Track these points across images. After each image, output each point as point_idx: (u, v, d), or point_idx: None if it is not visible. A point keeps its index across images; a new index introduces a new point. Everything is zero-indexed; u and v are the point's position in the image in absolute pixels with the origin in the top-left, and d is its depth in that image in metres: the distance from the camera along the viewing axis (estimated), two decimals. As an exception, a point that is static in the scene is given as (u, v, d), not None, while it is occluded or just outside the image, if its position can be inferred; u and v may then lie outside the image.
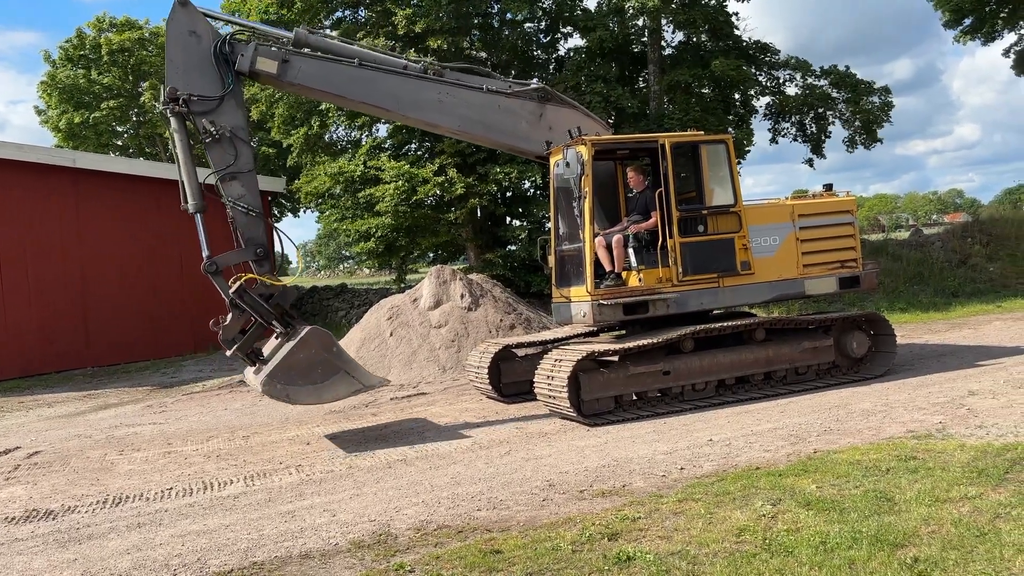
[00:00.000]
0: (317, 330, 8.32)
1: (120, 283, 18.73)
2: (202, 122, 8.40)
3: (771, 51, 24.03)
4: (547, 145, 9.81)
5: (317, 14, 23.10)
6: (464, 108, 9.48)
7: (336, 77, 9.11)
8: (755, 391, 9.56)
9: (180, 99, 8.31)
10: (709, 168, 9.70)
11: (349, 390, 8.39)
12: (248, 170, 8.57)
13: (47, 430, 11.16)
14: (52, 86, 35.11)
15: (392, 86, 9.23)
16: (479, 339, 13.04)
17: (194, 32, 8.51)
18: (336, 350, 8.41)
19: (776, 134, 25.61)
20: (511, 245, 23.57)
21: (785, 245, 10.02)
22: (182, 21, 8.54)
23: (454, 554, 5.04)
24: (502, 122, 9.66)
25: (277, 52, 8.79)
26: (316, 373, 8.19)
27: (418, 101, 9.34)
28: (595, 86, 20.44)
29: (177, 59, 8.49)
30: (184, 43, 8.50)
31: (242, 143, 8.53)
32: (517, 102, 9.73)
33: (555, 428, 8.72)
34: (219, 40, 8.55)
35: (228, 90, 8.51)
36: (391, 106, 9.46)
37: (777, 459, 6.78)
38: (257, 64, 8.66)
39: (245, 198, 8.54)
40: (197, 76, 8.44)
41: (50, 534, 6.13)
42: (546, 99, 9.85)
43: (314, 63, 9.06)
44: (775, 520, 5.24)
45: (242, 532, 5.82)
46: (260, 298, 8.48)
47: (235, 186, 8.52)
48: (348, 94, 9.32)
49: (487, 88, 9.62)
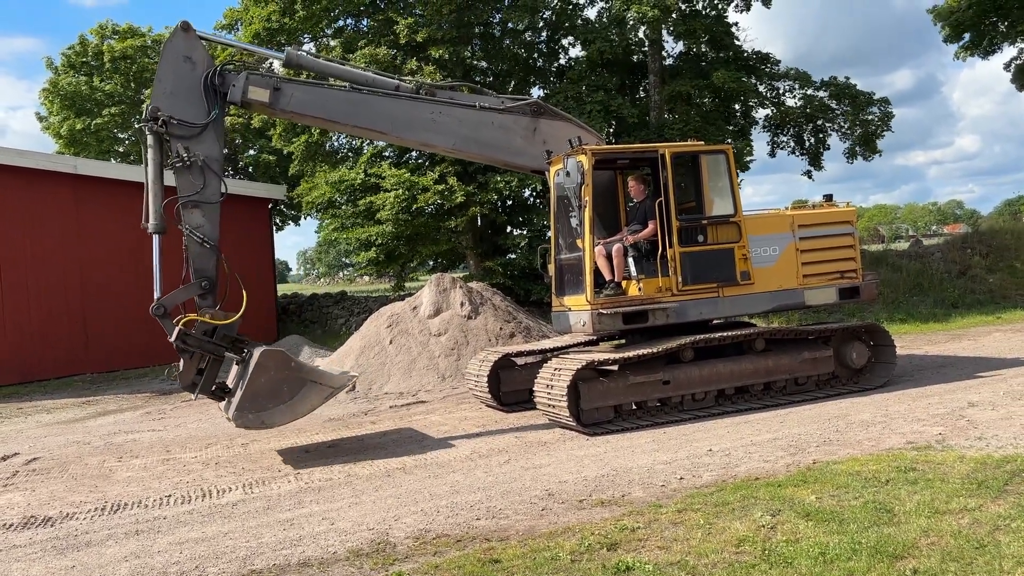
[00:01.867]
0: (268, 351, 8.22)
1: (119, 289, 18.71)
2: (177, 146, 8.32)
3: (771, 61, 24.13)
4: (548, 155, 9.84)
5: (319, 23, 23.20)
6: (458, 126, 9.47)
7: (329, 102, 9.08)
8: (755, 401, 9.56)
9: (161, 120, 8.26)
10: (709, 178, 9.72)
11: (321, 397, 8.30)
12: (213, 201, 8.47)
13: (46, 436, 11.14)
14: (54, 93, 35.15)
15: (385, 108, 9.20)
16: (479, 347, 13.03)
17: (190, 58, 8.48)
18: (294, 365, 8.31)
19: (775, 147, 25.67)
20: (511, 253, 23.60)
21: (785, 255, 10.03)
22: (180, 46, 8.52)
23: (453, 563, 5.03)
24: (496, 139, 9.66)
25: (268, 80, 8.74)
26: (283, 392, 8.12)
27: (412, 122, 9.32)
28: (596, 96, 20.52)
29: (167, 80, 8.47)
30: (177, 67, 8.47)
31: (212, 174, 8.43)
32: (511, 118, 9.73)
33: (554, 437, 8.71)
34: (210, 71, 8.49)
35: (211, 119, 8.44)
36: (385, 128, 9.44)
37: (776, 469, 6.77)
38: (249, 94, 8.62)
39: (203, 228, 8.46)
40: (183, 101, 8.39)
41: (48, 541, 6.12)
42: (539, 113, 9.86)
43: (306, 89, 9.03)
44: (774, 531, 5.23)
45: (240, 540, 5.81)
46: (205, 335, 8.38)
47: (196, 215, 8.43)
48: (341, 119, 9.30)
49: (480, 105, 9.61)
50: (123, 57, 34.63)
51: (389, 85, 9.52)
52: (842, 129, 24.30)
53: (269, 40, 23.52)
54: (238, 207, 21.21)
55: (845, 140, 24.38)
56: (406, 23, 20.99)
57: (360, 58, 20.73)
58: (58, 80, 35.48)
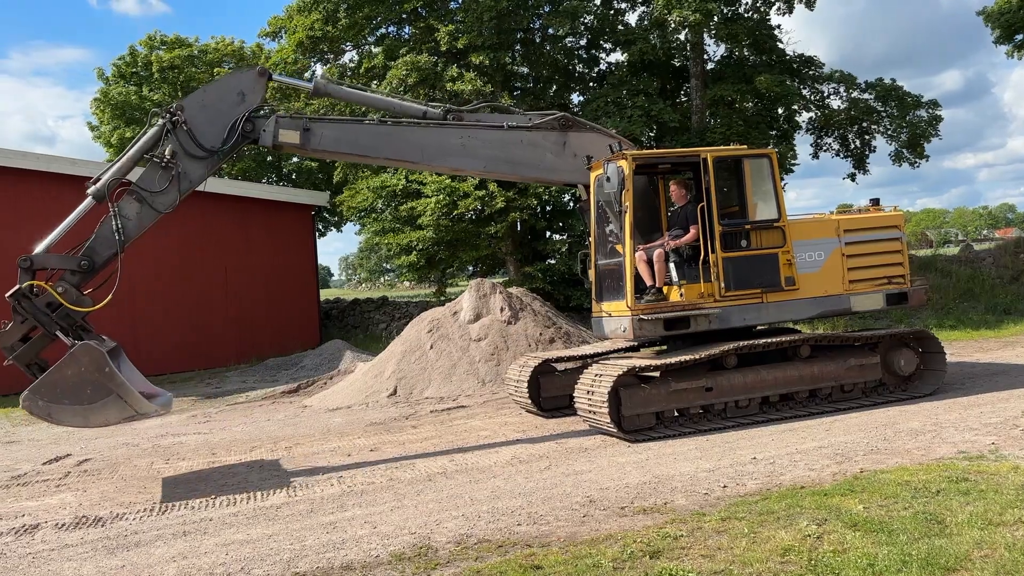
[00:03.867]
0: (89, 347, 7.67)
1: (165, 295, 19.12)
2: (170, 147, 8.30)
3: (815, 65, 23.78)
4: (587, 160, 9.81)
5: (361, 31, 23.46)
6: (488, 148, 9.43)
7: (359, 137, 9.09)
8: (800, 408, 9.41)
9: (176, 120, 8.30)
10: (752, 182, 9.61)
11: (120, 415, 7.72)
12: (156, 209, 8.33)
13: (96, 438, 11.40)
14: (105, 102, 36.07)
15: (415, 138, 9.20)
16: (518, 353, 13.04)
17: (243, 95, 8.56)
18: (108, 371, 7.65)
19: (818, 149, 25.30)
20: (551, 259, 23.59)
21: (830, 260, 9.87)
22: (244, 82, 8.62)
23: (494, 569, 5.03)
24: (527, 157, 9.62)
25: (297, 122, 8.76)
26: (85, 393, 7.59)
27: (441, 149, 9.30)
28: (636, 100, 20.42)
29: (208, 96, 8.57)
30: (227, 93, 8.57)
31: (176, 190, 8.33)
32: (539, 134, 9.69)
33: (595, 443, 8.67)
34: (242, 116, 8.50)
35: (215, 152, 8.44)
36: (416, 158, 9.45)
37: (822, 478, 6.66)
38: (280, 137, 8.67)
39: (128, 222, 8.26)
40: (207, 120, 8.44)
41: (99, 540, 6.26)
42: (568, 126, 9.81)
43: (335, 127, 9.06)
44: (821, 541, 5.14)
45: (284, 542, 5.88)
46: (46, 307, 7.86)
47: (133, 208, 8.29)
48: (372, 152, 9.32)
49: (508, 125, 9.58)
50: (171, 67, 35.42)
51: (416, 112, 9.53)
52: (888, 132, 23.85)
53: (312, 49, 23.86)
54: (282, 214, 21.61)
55: (891, 143, 23.93)
56: (447, 30, 21.13)
57: (402, 65, 20.91)
58: (109, 90, 36.39)
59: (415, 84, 20.93)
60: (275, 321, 20.64)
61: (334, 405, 12.89)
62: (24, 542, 6.36)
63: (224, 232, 20.13)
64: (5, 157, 17.12)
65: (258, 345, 20.03)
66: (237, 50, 37.69)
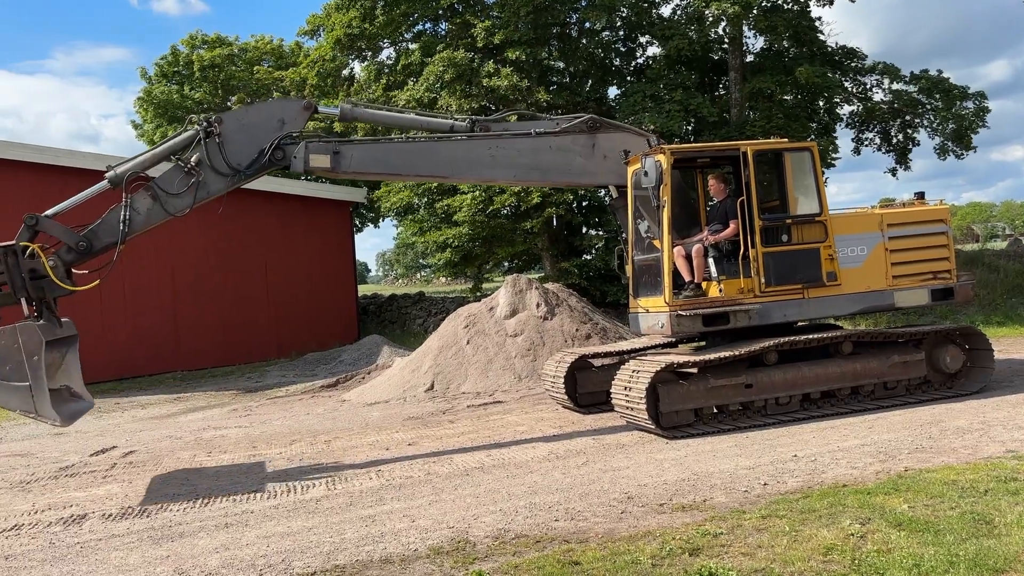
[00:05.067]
0: (33, 329, 7.42)
1: (207, 291, 19.44)
2: (197, 156, 8.34)
3: (858, 56, 23.33)
4: (625, 155, 9.74)
5: (398, 28, 23.56)
6: (517, 157, 9.35)
7: (388, 156, 9.08)
8: (841, 406, 9.26)
9: (211, 131, 8.34)
10: (793, 176, 9.48)
11: (20, 406, 7.47)
12: (168, 210, 8.34)
13: (140, 431, 11.63)
14: (148, 101, 36.77)
15: (443, 153, 9.17)
16: (555, 348, 13.02)
17: (283, 122, 8.61)
18: (36, 360, 7.35)
19: (860, 143, 24.83)
20: (587, 254, 23.52)
21: (873, 255, 9.69)
22: (288, 111, 8.67)
23: (532, 564, 5.03)
24: (556, 162, 9.54)
25: (327, 146, 8.74)
26: (4, 369, 7.42)
27: (471, 161, 9.25)
28: (674, 94, 20.24)
29: (249, 118, 8.62)
30: (268, 119, 8.60)
31: (192, 197, 8.35)
32: (568, 138, 9.58)
33: (633, 440, 8.62)
34: (272, 145, 8.51)
35: (239, 171, 8.45)
36: (447, 172, 9.46)
37: (865, 476, 6.55)
38: (311, 162, 8.68)
39: (137, 215, 8.24)
40: (240, 140, 8.45)
41: (144, 531, 6.38)
42: (596, 128, 9.70)
43: (364, 148, 9.05)
44: (864, 540, 5.05)
45: (324, 535, 5.94)
46: (28, 272, 7.68)
47: (146, 203, 8.29)
48: (402, 170, 9.34)
49: (536, 132, 9.50)
50: (211, 66, 35.96)
51: (444, 127, 9.50)
52: (932, 124, 23.31)
53: (350, 46, 24.02)
54: (322, 210, 21.82)
55: (936, 136, 23.37)
56: (483, 26, 21.13)
57: (438, 62, 20.96)
58: (152, 89, 37.08)
59: (451, 81, 20.98)
60: (314, 316, 20.87)
61: (372, 399, 13.00)
62: (72, 532, 6.51)
63: (264, 228, 20.39)
64: (53, 155, 17.51)
65: (297, 340, 20.28)
66: (276, 48, 38.15)
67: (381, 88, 23.55)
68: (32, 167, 16.80)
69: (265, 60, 37.41)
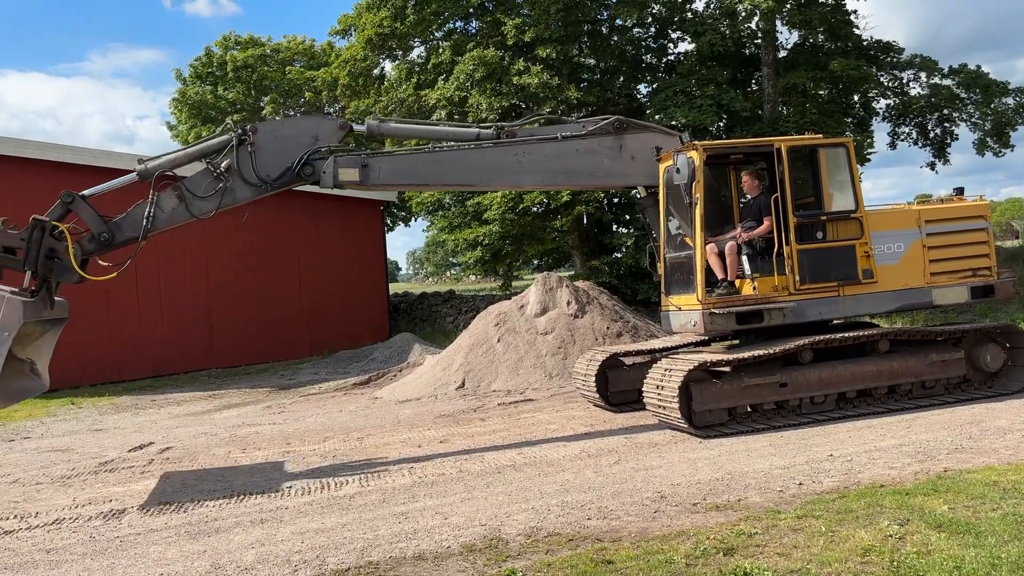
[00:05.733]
0: (16, 303, 7.20)
1: (241, 290, 19.68)
2: (228, 163, 8.36)
3: (894, 50, 22.96)
4: (657, 151, 9.67)
5: (429, 27, 23.63)
6: (544, 162, 9.31)
7: (416, 167, 9.11)
8: (878, 405, 9.13)
9: (244, 139, 8.36)
10: (828, 172, 9.35)
11: None
12: (192, 212, 8.36)
13: (176, 427, 11.80)
14: (182, 102, 37.28)
15: (470, 161, 9.15)
16: (585, 347, 12.98)
17: (317, 139, 8.64)
18: (5, 336, 7.14)
19: (896, 138, 24.44)
20: (617, 252, 23.43)
21: (911, 252, 9.53)
22: (323, 128, 8.71)
23: (565, 562, 5.02)
24: (584, 165, 9.48)
25: (355, 159, 8.76)
26: None
27: (498, 169, 9.22)
28: (706, 90, 20.07)
29: (283, 131, 8.65)
30: (302, 134, 8.63)
31: (216, 201, 8.38)
32: (595, 141, 9.50)
33: (665, 439, 8.57)
34: (300, 161, 8.53)
35: (266, 183, 8.47)
36: (474, 181, 9.48)
37: (903, 477, 6.44)
38: (340, 176, 8.68)
39: (161, 213, 8.27)
40: (274, 151, 8.49)
41: (181, 526, 6.47)
42: (623, 129, 9.61)
43: (392, 159, 9.07)
44: (903, 541, 4.98)
45: (358, 531, 5.98)
46: (44, 247, 7.68)
47: (171, 202, 8.31)
48: (431, 180, 9.35)
49: (562, 136, 9.43)
50: (244, 66, 36.35)
51: (470, 135, 9.46)
52: (972, 120, 22.87)
53: (381, 45, 24.14)
54: (354, 209, 21.98)
55: (975, 131, 22.92)
56: (514, 23, 21.13)
57: (469, 60, 21.00)
58: (186, 90, 37.59)
59: (482, 79, 21.01)
60: (346, 314, 21.03)
61: (404, 397, 13.07)
62: (112, 526, 6.62)
63: (297, 227, 20.59)
64: (92, 156, 17.82)
65: (330, 338, 20.45)
66: (308, 49, 38.48)
67: (411, 87, 23.66)
68: (70, 168, 17.11)
69: (297, 60, 37.76)
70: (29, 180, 16.17)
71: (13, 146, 17.03)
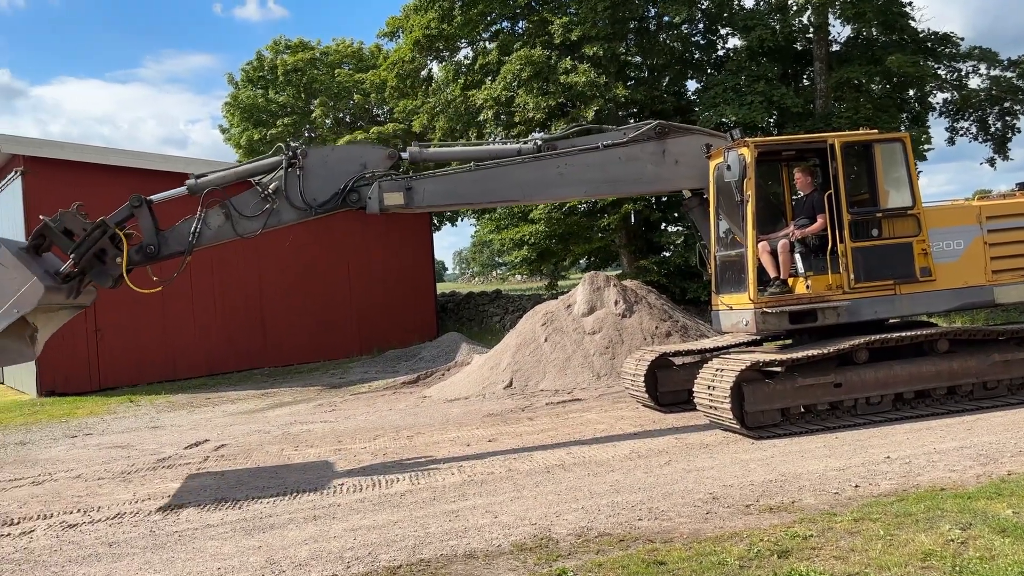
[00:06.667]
0: (37, 288, 7.44)
1: (293, 290, 19.99)
2: (276, 184, 8.50)
3: (952, 42, 22.35)
4: (706, 149, 9.56)
5: (476, 27, 23.71)
6: (586, 172, 9.26)
7: (459, 187, 9.15)
8: (937, 406, 8.90)
9: (294, 163, 8.50)
10: (884, 169, 9.15)
11: None
12: (237, 230, 8.53)
13: (231, 425, 12.03)
14: (234, 106, 37.99)
15: (513, 177, 9.15)
16: (634, 346, 12.89)
17: (365, 166, 8.76)
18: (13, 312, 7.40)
19: (954, 133, 23.79)
20: (666, 251, 23.22)
21: (971, 249, 9.27)
22: (371, 156, 8.82)
23: (616, 563, 4.99)
24: (627, 173, 9.38)
25: (399, 183, 8.83)
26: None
27: (541, 182, 9.21)
28: (756, 86, 19.79)
29: (332, 157, 8.80)
30: (351, 161, 8.76)
31: (262, 223, 8.54)
32: (637, 147, 9.40)
33: (716, 440, 8.47)
34: (347, 187, 8.65)
35: (312, 207, 8.60)
36: (517, 196, 9.56)
37: (965, 480, 6.27)
38: (385, 201, 8.77)
39: (207, 230, 8.44)
40: (322, 176, 8.61)
41: (237, 522, 6.60)
42: (665, 134, 9.48)
43: (435, 180, 9.10)
44: (965, 546, 4.84)
45: (409, 529, 6.03)
46: (97, 246, 7.94)
47: (218, 220, 8.49)
48: (474, 199, 9.44)
49: (603, 145, 9.35)
50: (294, 70, 36.89)
51: (511, 152, 9.43)
52: (1035, 110, 22.18)
53: (429, 47, 24.30)
54: (401, 210, 22.12)
55: (1039, 123, 22.22)
56: (560, 22, 21.09)
57: (515, 60, 21.02)
58: (238, 94, 38.29)
59: (529, 78, 21.01)
60: (395, 314, 21.22)
61: (452, 396, 13.13)
62: (171, 520, 6.78)
63: (347, 228, 20.83)
64: (148, 160, 18.28)
65: (379, 337, 20.66)
66: (356, 51, 38.90)
67: (458, 88, 23.77)
68: (129, 172, 17.56)
69: (346, 63, 38.19)
70: (93, 184, 16.65)
71: (76, 151, 17.60)
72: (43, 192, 16.33)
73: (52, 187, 16.16)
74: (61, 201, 8.77)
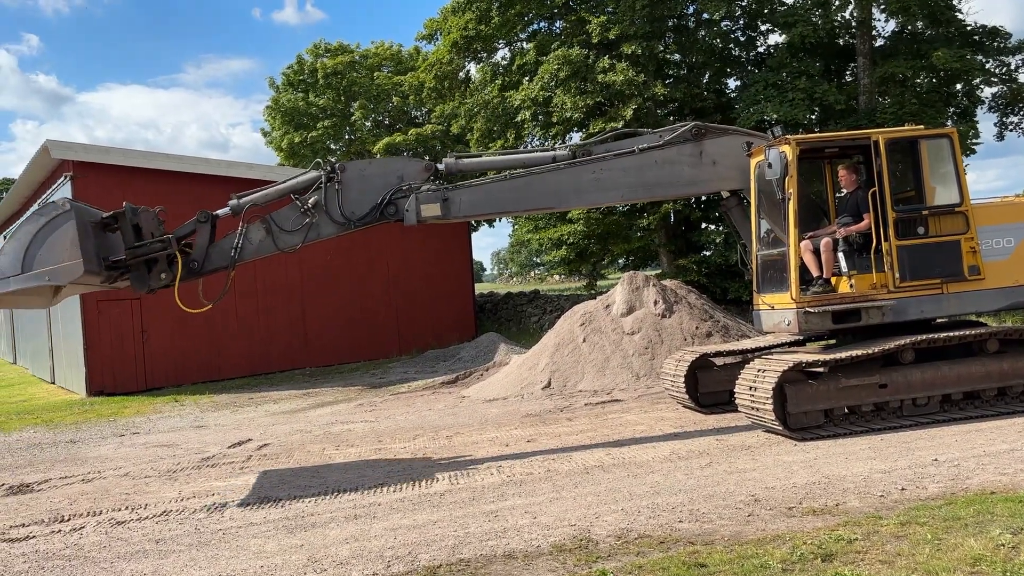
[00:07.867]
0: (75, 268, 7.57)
1: (333, 291, 20.22)
2: (316, 198, 8.62)
3: (1001, 35, 21.78)
4: (747, 147, 9.45)
5: (513, 28, 23.73)
6: (622, 177, 9.19)
7: (495, 196, 9.17)
8: (987, 408, 8.68)
9: (332, 177, 8.62)
10: (930, 165, 8.95)
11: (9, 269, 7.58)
12: (278, 244, 8.67)
13: (273, 424, 12.20)
14: (275, 109, 38.49)
15: (548, 184, 9.13)
16: (673, 347, 12.79)
17: (402, 179, 8.84)
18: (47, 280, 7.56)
19: (1003, 128, 23.19)
20: (706, 250, 23.00)
21: (1022, 247, 9.02)
22: (409, 169, 8.90)
23: (656, 564, 4.96)
24: (663, 176, 9.29)
25: (436, 195, 8.87)
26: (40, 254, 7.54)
27: (577, 188, 9.19)
28: (798, 83, 19.50)
29: (370, 171, 8.90)
30: (388, 174, 8.85)
31: (302, 237, 8.68)
32: (673, 150, 9.29)
33: (758, 441, 8.37)
34: (384, 200, 8.73)
35: (351, 221, 8.71)
36: (553, 203, 9.52)
37: (1016, 483, 6.11)
38: (422, 213, 8.83)
39: (248, 245, 8.60)
40: (360, 190, 8.71)
41: (279, 520, 6.68)
42: (702, 135, 9.37)
43: (471, 191, 9.12)
44: (1016, 551, 4.72)
45: (449, 529, 6.05)
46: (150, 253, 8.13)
47: (259, 234, 8.63)
48: (510, 207, 9.41)
49: (639, 148, 9.27)
50: (334, 73, 37.26)
51: (546, 159, 9.40)
52: (1087, 105, 21.52)
53: (466, 48, 24.38)
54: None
55: (1091, 118, 21.55)
56: (598, 21, 21.02)
57: (553, 60, 20.99)
58: (279, 97, 38.79)
59: (566, 78, 20.97)
60: (433, 314, 21.35)
61: (490, 396, 13.16)
62: (215, 519, 6.90)
63: (385, 230, 20.92)
64: (191, 164, 18.62)
65: (418, 338, 20.81)
66: (395, 54, 39.17)
67: (496, 89, 23.81)
68: (172, 175, 17.92)
69: (385, 66, 38.47)
70: (139, 186, 17.01)
71: (121, 155, 18.01)
72: (91, 196, 16.67)
73: (100, 191, 16.51)
74: (109, 204, 8.96)
